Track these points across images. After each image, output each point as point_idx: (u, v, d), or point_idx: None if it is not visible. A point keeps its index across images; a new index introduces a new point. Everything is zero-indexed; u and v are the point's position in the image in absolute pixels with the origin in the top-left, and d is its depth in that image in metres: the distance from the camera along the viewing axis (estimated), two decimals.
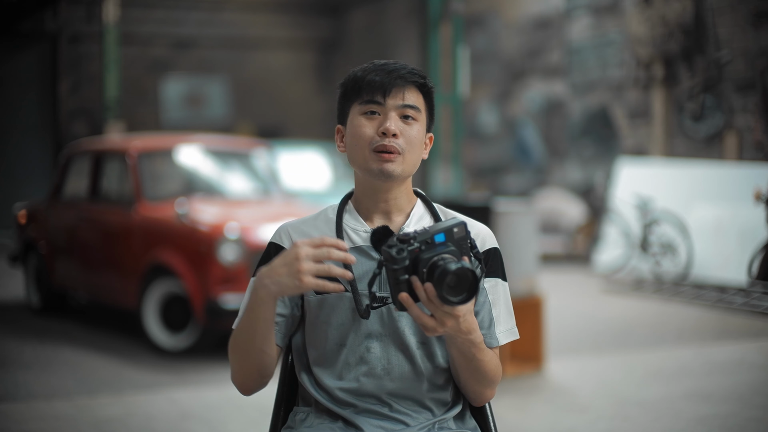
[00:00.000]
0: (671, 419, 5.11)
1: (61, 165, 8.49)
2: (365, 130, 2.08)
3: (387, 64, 2.11)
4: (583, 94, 13.38)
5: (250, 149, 8.44)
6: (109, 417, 5.12)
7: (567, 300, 9.13)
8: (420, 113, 2.10)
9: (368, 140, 2.07)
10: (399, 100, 2.08)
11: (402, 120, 2.08)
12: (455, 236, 1.88)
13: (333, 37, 18.42)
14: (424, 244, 1.84)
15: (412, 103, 2.09)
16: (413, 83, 2.10)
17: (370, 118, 2.08)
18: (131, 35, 15.64)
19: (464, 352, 1.98)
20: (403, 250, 1.83)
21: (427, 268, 1.82)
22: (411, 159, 2.09)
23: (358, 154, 2.09)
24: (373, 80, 2.08)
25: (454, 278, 1.79)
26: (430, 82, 2.14)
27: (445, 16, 13.27)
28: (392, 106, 2.08)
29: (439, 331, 1.87)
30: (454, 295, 1.80)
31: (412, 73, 2.10)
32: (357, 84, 2.10)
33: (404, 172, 2.08)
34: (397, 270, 1.83)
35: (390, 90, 2.07)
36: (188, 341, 6.74)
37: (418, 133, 2.10)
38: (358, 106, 2.10)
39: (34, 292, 8.44)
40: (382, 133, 2.06)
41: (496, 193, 13.59)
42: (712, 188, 10.06)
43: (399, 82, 2.08)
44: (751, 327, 7.82)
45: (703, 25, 10.98)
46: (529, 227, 6.30)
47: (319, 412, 2.11)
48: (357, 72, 2.12)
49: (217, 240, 6.49)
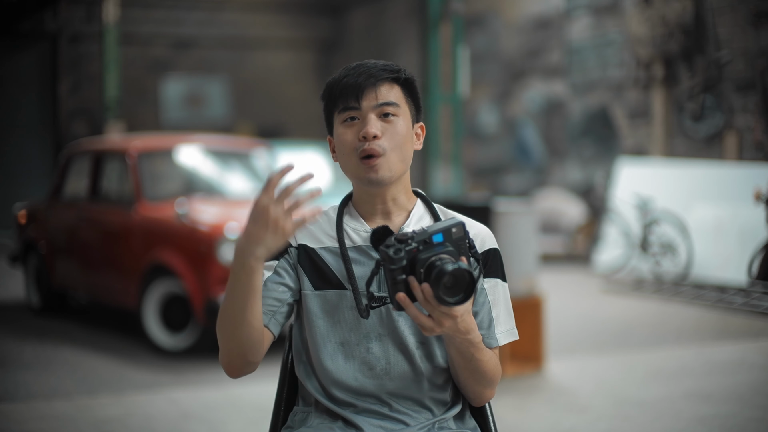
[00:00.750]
0: (671, 419, 5.10)
1: (61, 165, 8.49)
2: (347, 138, 2.07)
3: (358, 66, 2.09)
4: (583, 94, 13.38)
5: (250, 149, 8.44)
6: (109, 417, 5.12)
7: (567, 300, 9.13)
8: (399, 107, 2.08)
9: (352, 147, 2.06)
10: (373, 100, 2.06)
11: (382, 119, 2.06)
12: (453, 236, 1.87)
13: (333, 37, 18.42)
14: (422, 244, 1.84)
15: (388, 99, 2.06)
16: (386, 79, 2.07)
17: (350, 124, 2.07)
18: (131, 35, 15.64)
19: (463, 352, 1.98)
20: (400, 250, 1.83)
21: (424, 268, 1.82)
22: (398, 156, 2.06)
23: (347, 163, 2.08)
24: (345, 85, 2.06)
25: (451, 279, 1.79)
26: (405, 73, 2.10)
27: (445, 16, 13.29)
28: (368, 107, 2.06)
29: (437, 331, 1.87)
30: (451, 295, 1.80)
31: (383, 69, 2.08)
32: (332, 93, 2.09)
33: (393, 173, 2.06)
34: (394, 270, 1.83)
35: (362, 92, 2.05)
36: (188, 341, 6.74)
37: (402, 128, 2.07)
38: (338, 115, 2.09)
39: (34, 292, 8.44)
40: (362, 137, 2.04)
41: (496, 193, 13.59)
42: (712, 188, 10.06)
43: (370, 82, 2.06)
44: (751, 327, 7.82)
45: (703, 25, 10.98)
46: (529, 227, 6.30)
47: (319, 412, 2.11)
48: (330, 81, 2.11)
49: (217, 240, 6.49)
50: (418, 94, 2.14)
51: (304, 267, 2.10)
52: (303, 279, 2.10)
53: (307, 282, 2.10)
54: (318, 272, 2.09)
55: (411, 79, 2.12)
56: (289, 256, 2.11)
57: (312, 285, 2.09)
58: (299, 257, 2.11)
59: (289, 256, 2.11)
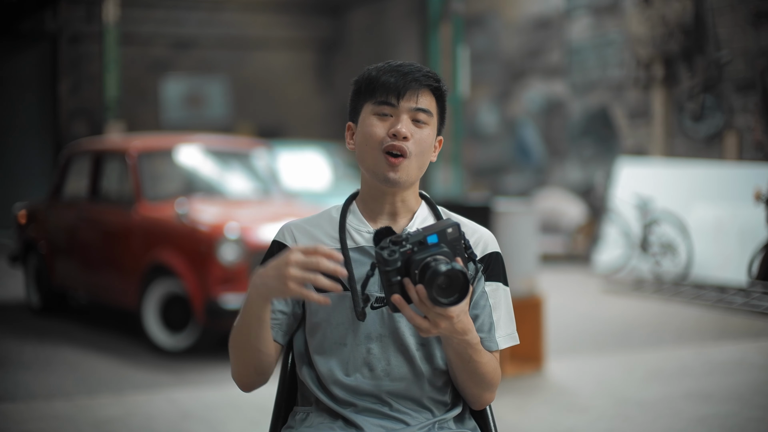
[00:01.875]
0: (671, 419, 5.11)
1: (61, 165, 8.49)
2: (376, 130, 2.07)
3: (402, 66, 2.10)
4: (583, 94, 13.38)
5: (250, 149, 8.44)
6: (109, 417, 5.12)
7: (567, 300, 9.13)
8: (431, 117, 2.10)
9: (379, 140, 2.07)
10: (412, 103, 2.07)
11: (413, 123, 2.08)
12: (448, 237, 1.87)
13: (333, 37, 18.42)
14: (417, 245, 1.84)
15: (424, 106, 2.08)
16: (427, 86, 2.09)
17: (382, 118, 2.08)
18: (131, 35, 15.64)
19: (460, 354, 1.98)
20: (395, 251, 1.83)
21: (419, 269, 1.81)
22: (418, 163, 2.08)
23: (368, 154, 2.08)
24: (387, 81, 2.07)
25: (445, 279, 1.78)
26: (444, 86, 2.13)
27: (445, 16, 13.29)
28: (405, 108, 2.07)
29: (433, 332, 1.87)
30: (445, 296, 1.79)
31: (427, 76, 2.09)
32: (371, 83, 2.09)
33: (410, 178, 2.08)
34: (389, 272, 1.83)
35: (404, 92, 2.07)
36: (188, 341, 6.74)
37: (428, 137, 2.09)
38: (371, 106, 2.09)
39: (34, 292, 8.44)
40: (392, 134, 2.06)
41: (496, 193, 13.59)
42: (712, 188, 10.06)
43: (413, 85, 2.07)
44: (751, 327, 7.82)
45: (703, 25, 10.98)
46: (529, 227, 6.30)
47: (319, 411, 2.12)
48: (372, 71, 2.11)
49: (217, 240, 6.49)
50: (446, 109, 2.16)
51: None
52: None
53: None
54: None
55: (446, 94, 2.14)
56: None
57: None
58: None
59: None
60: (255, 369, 2.07)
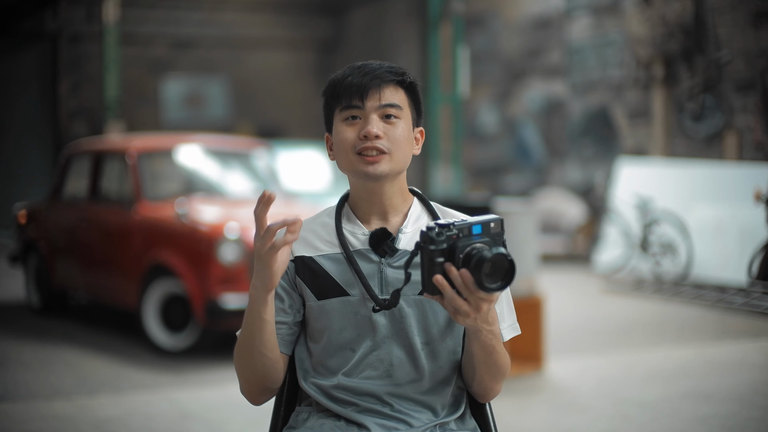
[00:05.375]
0: (671, 419, 5.11)
1: (61, 165, 8.49)
2: (347, 136, 2.07)
3: (363, 66, 2.09)
4: (583, 94, 13.38)
5: (250, 149, 8.44)
6: (109, 417, 5.12)
7: (567, 300, 9.13)
8: (402, 110, 2.09)
9: (351, 145, 2.07)
10: (377, 101, 2.06)
11: (384, 120, 2.07)
12: (491, 230, 1.90)
13: (333, 37, 18.42)
14: (462, 232, 1.87)
15: (391, 101, 2.07)
16: (391, 81, 2.08)
17: (351, 123, 2.08)
18: (131, 35, 15.64)
19: (486, 346, 2.00)
20: (442, 233, 1.85)
21: (463, 254, 1.84)
22: (397, 158, 2.08)
23: (344, 159, 2.09)
24: (350, 84, 2.07)
25: (491, 265, 1.82)
26: (409, 77, 2.11)
27: (445, 16, 13.28)
28: (372, 108, 2.06)
29: (471, 316, 1.88)
30: (492, 282, 1.83)
31: (388, 71, 2.08)
32: (335, 90, 2.09)
33: (393, 170, 2.07)
34: (434, 251, 1.85)
35: (367, 92, 2.06)
36: (188, 341, 6.74)
37: (403, 131, 2.08)
38: (339, 113, 2.09)
39: (34, 292, 8.44)
40: (363, 136, 2.05)
41: (496, 193, 13.58)
42: (712, 188, 10.06)
43: (375, 83, 2.06)
44: (751, 327, 7.82)
45: (703, 25, 10.98)
46: (529, 227, 6.30)
47: (321, 412, 2.12)
48: (335, 78, 2.11)
49: (217, 240, 6.49)
50: (420, 99, 2.15)
51: (305, 279, 2.11)
52: (305, 291, 2.12)
53: (309, 293, 2.11)
54: (319, 282, 2.10)
55: (414, 84, 2.12)
56: (287, 273, 2.12)
57: (315, 296, 2.11)
58: (298, 270, 2.12)
59: (287, 273, 2.12)
60: (263, 377, 2.07)
